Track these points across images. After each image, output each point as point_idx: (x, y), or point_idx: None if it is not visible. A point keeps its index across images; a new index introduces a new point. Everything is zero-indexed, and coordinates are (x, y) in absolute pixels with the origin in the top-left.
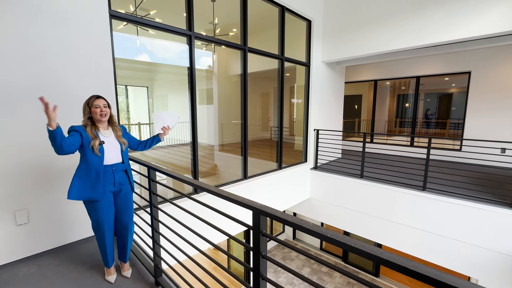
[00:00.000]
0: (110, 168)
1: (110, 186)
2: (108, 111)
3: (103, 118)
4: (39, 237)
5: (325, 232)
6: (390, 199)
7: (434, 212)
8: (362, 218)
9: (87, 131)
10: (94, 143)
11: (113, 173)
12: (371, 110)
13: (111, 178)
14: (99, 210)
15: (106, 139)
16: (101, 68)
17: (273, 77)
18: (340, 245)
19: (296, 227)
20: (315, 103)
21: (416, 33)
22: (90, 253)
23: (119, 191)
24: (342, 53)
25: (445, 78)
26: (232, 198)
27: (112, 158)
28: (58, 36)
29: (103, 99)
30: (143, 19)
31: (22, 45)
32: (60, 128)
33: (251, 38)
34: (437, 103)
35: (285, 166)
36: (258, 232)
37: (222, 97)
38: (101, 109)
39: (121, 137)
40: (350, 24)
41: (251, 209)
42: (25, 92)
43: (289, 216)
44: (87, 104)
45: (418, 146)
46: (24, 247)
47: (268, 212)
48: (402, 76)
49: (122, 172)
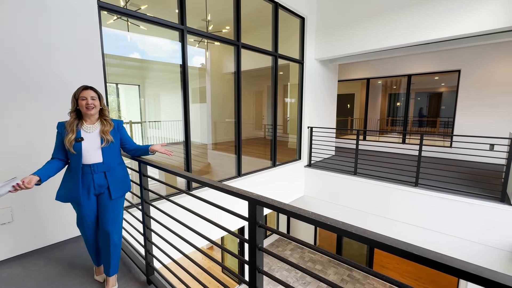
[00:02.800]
0: (88, 169)
1: (90, 188)
2: (96, 104)
3: (90, 111)
4: (24, 237)
5: (324, 219)
6: (383, 195)
7: (426, 207)
8: (356, 214)
9: (66, 125)
10: (68, 139)
11: (91, 174)
12: (364, 108)
13: (90, 180)
14: (79, 211)
15: (87, 135)
16: (90, 60)
17: (266, 75)
18: (341, 232)
19: (294, 216)
20: (309, 101)
21: (408, 30)
22: (78, 252)
23: (99, 194)
24: (335, 51)
25: (435, 77)
26: (226, 189)
27: (90, 156)
28: (44, 26)
29: (92, 90)
30: (133, 12)
31: (3, 36)
32: (44, 175)
33: (244, 36)
34: (427, 102)
35: (279, 163)
36: (254, 223)
37: (215, 96)
38: (88, 102)
39: (106, 133)
40: (343, 21)
41: (247, 199)
42: (4, 88)
43: (286, 205)
44: (74, 95)
45: (409, 143)
46: (7, 247)
47: (264, 201)
48: (394, 74)
49: (103, 173)
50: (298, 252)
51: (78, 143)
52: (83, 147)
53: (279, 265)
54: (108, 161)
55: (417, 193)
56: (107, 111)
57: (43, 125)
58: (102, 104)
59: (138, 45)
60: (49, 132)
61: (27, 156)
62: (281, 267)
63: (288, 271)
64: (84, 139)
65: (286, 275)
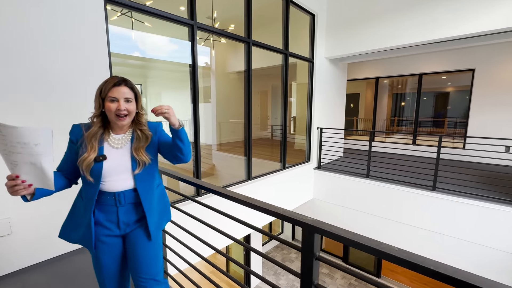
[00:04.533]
0: (112, 199)
1: (111, 226)
2: (131, 109)
3: (122, 120)
4: (24, 250)
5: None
6: (398, 199)
7: (444, 212)
8: (368, 218)
9: (85, 135)
10: (86, 160)
11: (116, 207)
12: (371, 108)
13: (112, 215)
14: (94, 254)
15: (113, 152)
16: (95, 57)
17: (272, 74)
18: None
19: (375, 253)
20: (319, 101)
21: (422, 28)
22: (81, 266)
23: (127, 233)
24: (346, 49)
25: (442, 77)
26: (268, 209)
27: (115, 182)
28: (45, 20)
29: (127, 87)
30: (142, 5)
31: (1, 32)
32: (38, 193)
33: (252, 33)
34: (433, 102)
35: (289, 166)
36: (311, 255)
37: (220, 95)
38: (119, 107)
39: (141, 152)
40: (354, 18)
41: (301, 225)
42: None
43: (359, 237)
44: (99, 91)
45: (421, 145)
46: (6, 262)
47: (327, 230)
48: (404, 73)
49: (133, 205)
50: None
51: (98, 163)
52: (105, 169)
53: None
54: (143, 187)
55: (434, 197)
56: (144, 117)
57: None
58: (139, 106)
59: (142, 43)
60: None
61: None
62: None
63: None
64: (108, 157)
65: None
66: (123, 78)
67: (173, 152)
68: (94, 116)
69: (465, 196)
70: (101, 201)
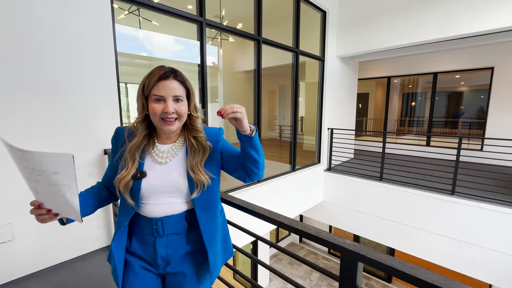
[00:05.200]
0: (149, 226)
1: (148, 259)
2: (182, 111)
3: (170, 125)
4: (26, 257)
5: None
6: (413, 203)
7: (463, 217)
8: (381, 223)
9: (128, 149)
10: (123, 178)
11: (153, 236)
12: (380, 108)
13: (148, 246)
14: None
15: (156, 167)
16: (101, 55)
17: (280, 74)
18: None
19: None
20: (329, 101)
21: (440, 24)
22: (87, 274)
23: (168, 274)
24: (358, 47)
25: (456, 76)
26: (293, 227)
27: (155, 206)
28: (50, 16)
29: (177, 80)
30: (149, 1)
31: (5, 29)
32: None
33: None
34: (446, 101)
35: (299, 167)
36: (353, 287)
37: (227, 95)
38: (167, 109)
39: (198, 167)
40: (367, 15)
41: (341, 250)
42: (6, 85)
43: (413, 269)
44: (142, 88)
45: (436, 146)
46: (8, 270)
47: (373, 258)
48: (418, 72)
49: (178, 237)
50: (312, 258)
51: (137, 181)
52: (144, 188)
53: (293, 272)
54: (204, 216)
55: (454, 202)
56: (198, 119)
57: (48, 128)
58: (191, 106)
59: (149, 42)
60: (55, 135)
61: None
62: (295, 274)
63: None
64: (148, 174)
65: None
66: (172, 68)
67: (245, 167)
68: (137, 122)
69: (488, 202)
70: (138, 228)
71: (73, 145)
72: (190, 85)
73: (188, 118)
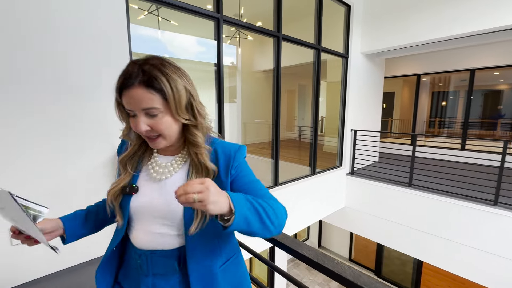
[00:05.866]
0: (135, 259)
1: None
2: (161, 127)
3: (155, 143)
4: (30, 263)
5: None
6: (447, 213)
7: (507, 231)
8: (407, 232)
9: (119, 159)
10: (112, 192)
11: (138, 273)
12: (407, 108)
13: (133, 283)
14: None
15: (149, 184)
16: (117, 57)
17: (299, 73)
18: None
19: None
20: (353, 100)
21: (480, 14)
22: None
23: None
24: (385, 43)
25: (494, 73)
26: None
27: (141, 232)
28: (61, 11)
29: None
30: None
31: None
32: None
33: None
34: (482, 101)
35: (319, 171)
36: None
37: (245, 95)
38: (137, 127)
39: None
40: (396, 7)
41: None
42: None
43: None
44: (116, 97)
45: (473, 150)
46: (10, 276)
47: None
48: (452, 69)
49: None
50: None
51: (127, 196)
52: (132, 207)
53: (311, 278)
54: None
55: (496, 213)
56: (200, 131)
57: (65, 128)
58: (180, 113)
59: (167, 43)
60: (58, 138)
61: (40, 148)
62: (314, 280)
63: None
64: (140, 190)
65: None
66: (140, 66)
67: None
68: (125, 133)
69: None
70: (126, 256)
71: (88, 146)
72: (170, 83)
73: (188, 130)
